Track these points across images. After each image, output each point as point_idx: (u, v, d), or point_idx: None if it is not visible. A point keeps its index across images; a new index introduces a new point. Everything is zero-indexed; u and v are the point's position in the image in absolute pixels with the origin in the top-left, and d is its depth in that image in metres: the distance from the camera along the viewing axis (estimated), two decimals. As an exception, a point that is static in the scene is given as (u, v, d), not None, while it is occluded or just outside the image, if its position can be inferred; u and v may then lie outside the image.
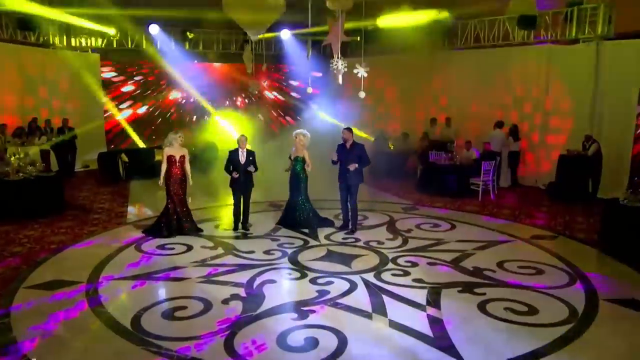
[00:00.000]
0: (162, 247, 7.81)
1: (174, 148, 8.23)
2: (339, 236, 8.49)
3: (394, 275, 6.66)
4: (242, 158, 8.64)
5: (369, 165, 8.75)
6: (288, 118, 18.96)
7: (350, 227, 8.72)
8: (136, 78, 16.66)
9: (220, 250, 7.69)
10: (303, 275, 6.64)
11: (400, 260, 7.25)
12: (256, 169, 8.73)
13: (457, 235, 8.57)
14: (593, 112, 11.88)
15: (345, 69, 7.22)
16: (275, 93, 18.93)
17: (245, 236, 8.52)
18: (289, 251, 7.65)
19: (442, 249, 7.82)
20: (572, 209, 10.50)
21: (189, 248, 7.77)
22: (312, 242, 8.14)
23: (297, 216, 8.85)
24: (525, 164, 13.38)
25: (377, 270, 6.84)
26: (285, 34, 16.35)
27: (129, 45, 15.44)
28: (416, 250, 7.75)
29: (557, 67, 12.51)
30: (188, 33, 15.73)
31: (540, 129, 13.07)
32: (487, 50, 13.94)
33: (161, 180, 8.23)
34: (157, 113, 17.03)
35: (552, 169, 12.45)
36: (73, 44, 14.82)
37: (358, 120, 14.88)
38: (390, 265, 7.06)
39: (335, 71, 7.20)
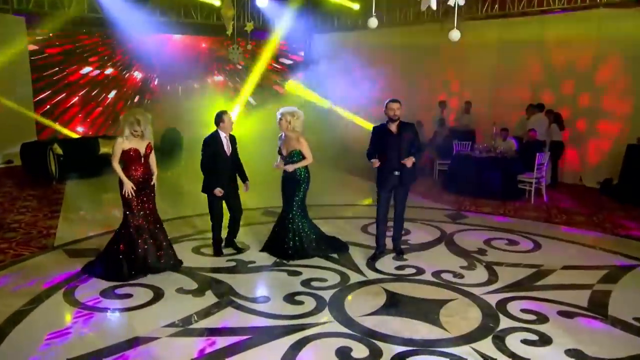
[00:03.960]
0: (110, 292, 4.70)
1: (131, 139, 4.97)
2: (387, 264, 5.61)
3: (526, 342, 3.86)
4: (227, 148, 5.62)
5: (423, 153, 5.68)
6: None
7: (396, 249, 5.87)
8: (76, 51, 13.16)
9: (210, 298, 4.64)
10: (375, 352, 3.71)
11: (513, 308, 4.45)
12: (242, 173, 5.89)
13: (555, 259, 5.84)
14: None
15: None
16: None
17: (245, 267, 5.50)
18: (326, 296, 4.70)
19: (555, 284, 5.08)
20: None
21: (158, 294, 4.69)
22: (354, 277, 5.21)
23: (288, 240, 5.67)
24: (566, 157, 10.95)
25: (491, 331, 4.02)
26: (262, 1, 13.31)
27: (66, 9, 11.95)
28: (520, 288, 4.96)
29: (611, 36, 10.08)
30: None
31: (587, 113, 10.64)
32: (515, 19, 11.45)
33: (126, 190, 4.98)
34: (102, 94, 13.58)
35: (602, 163, 10.29)
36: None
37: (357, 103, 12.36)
38: (505, 320, 4.25)
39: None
